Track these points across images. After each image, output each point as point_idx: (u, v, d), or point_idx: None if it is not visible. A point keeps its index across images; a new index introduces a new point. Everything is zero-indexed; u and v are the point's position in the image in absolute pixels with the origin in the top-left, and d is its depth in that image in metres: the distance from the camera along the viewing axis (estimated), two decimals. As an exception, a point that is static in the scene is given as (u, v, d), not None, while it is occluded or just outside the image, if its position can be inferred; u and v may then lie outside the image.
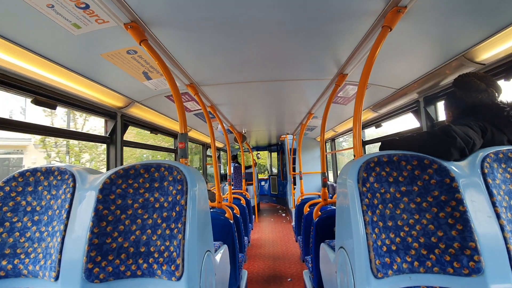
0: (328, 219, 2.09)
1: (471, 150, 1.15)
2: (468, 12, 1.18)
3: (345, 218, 1.17)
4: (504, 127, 1.22)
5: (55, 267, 1.08)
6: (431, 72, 1.81)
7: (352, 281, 1.05)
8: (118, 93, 2.07)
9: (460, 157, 1.14)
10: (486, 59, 1.49)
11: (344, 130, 4.36)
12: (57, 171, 1.23)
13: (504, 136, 1.22)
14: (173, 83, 1.40)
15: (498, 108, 1.24)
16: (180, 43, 1.47)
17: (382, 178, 1.12)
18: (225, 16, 1.23)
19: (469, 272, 0.97)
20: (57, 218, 1.17)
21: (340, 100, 2.76)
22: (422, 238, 1.06)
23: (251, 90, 2.51)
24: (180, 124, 1.40)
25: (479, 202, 1.04)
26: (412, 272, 1.03)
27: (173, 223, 1.14)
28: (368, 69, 1.28)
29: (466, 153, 1.13)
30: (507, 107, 1.23)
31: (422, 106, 2.20)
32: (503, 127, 1.22)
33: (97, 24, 1.20)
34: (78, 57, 1.49)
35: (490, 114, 1.25)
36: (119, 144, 2.34)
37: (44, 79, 1.54)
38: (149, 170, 1.22)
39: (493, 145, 1.18)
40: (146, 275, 1.11)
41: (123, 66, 1.65)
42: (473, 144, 1.14)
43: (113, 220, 1.16)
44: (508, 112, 1.21)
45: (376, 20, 1.27)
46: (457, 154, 1.12)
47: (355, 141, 1.31)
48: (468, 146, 1.13)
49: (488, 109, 1.26)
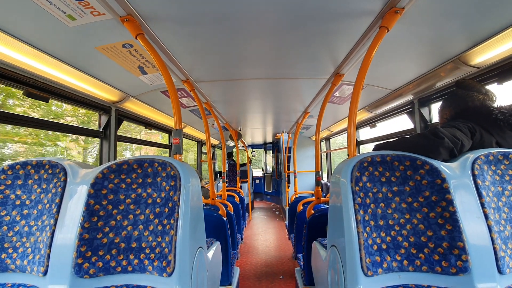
0: (321, 217, 2.11)
1: (460, 150, 1.19)
2: (463, 15, 1.19)
3: (337, 217, 1.18)
4: (492, 129, 1.27)
5: (43, 262, 1.07)
6: (426, 74, 1.83)
7: (342, 279, 1.06)
8: (113, 87, 2.05)
9: (449, 157, 1.18)
10: (480, 63, 1.51)
11: (339, 129, 4.39)
12: (48, 165, 1.22)
13: (492, 138, 1.26)
14: (169, 79, 1.39)
15: (488, 111, 1.29)
16: (177, 38, 1.46)
17: (375, 177, 1.13)
18: (223, 12, 1.23)
19: (456, 271, 1.00)
20: (47, 212, 1.15)
21: (336, 99, 2.78)
22: (412, 237, 1.08)
23: (248, 87, 2.51)
24: (175, 120, 1.40)
25: (468, 203, 1.06)
26: (401, 270, 1.05)
27: (165, 219, 1.14)
28: (364, 69, 1.28)
29: (455, 153, 1.18)
30: (495, 110, 1.27)
31: (417, 108, 2.22)
32: (492, 129, 1.27)
33: (92, 16, 1.19)
34: (72, 50, 1.47)
35: (481, 116, 1.30)
36: (112, 138, 2.31)
37: (37, 71, 1.52)
38: (142, 166, 1.21)
39: (482, 146, 1.23)
40: (137, 270, 1.11)
41: (119, 60, 1.63)
42: (462, 144, 1.18)
43: (104, 215, 1.15)
44: (496, 115, 1.26)
45: (374, 20, 1.28)
46: (446, 154, 1.17)
47: (349, 140, 1.32)
48: (456, 147, 1.17)
49: (479, 111, 1.32)
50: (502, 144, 1.26)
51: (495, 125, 1.27)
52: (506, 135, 1.27)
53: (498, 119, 1.26)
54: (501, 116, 1.25)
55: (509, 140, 1.26)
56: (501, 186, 1.13)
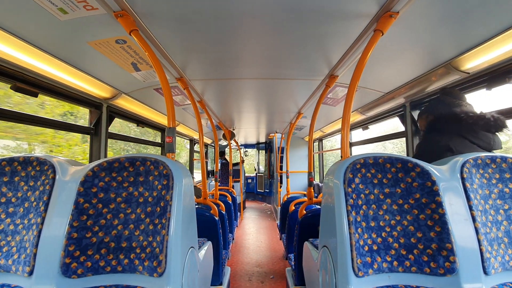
0: (313, 218, 2.12)
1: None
2: (455, 22, 1.22)
3: (329, 218, 1.18)
4: (468, 133, 1.43)
5: (29, 261, 1.04)
6: (418, 78, 1.86)
7: (333, 279, 1.07)
8: (104, 83, 2.01)
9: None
10: (470, 68, 1.54)
11: (332, 131, 4.42)
12: (36, 161, 1.18)
13: (467, 141, 1.43)
14: (163, 76, 1.37)
15: (458, 119, 1.46)
16: (171, 35, 1.44)
17: (367, 179, 1.15)
18: (219, 10, 1.22)
19: (444, 272, 1.02)
20: (34, 210, 1.12)
21: (329, 101, 2.79)
22: (402, 238, 1.09)
23: (242, 87, 2.50)
24: (168, 118, 1.38)
25: (457, 205, 1.09)
26: (391, 271, 1.07)
27: (157, 219, 1.12)
28: (358, 71, 1.29)
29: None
30: (464, 116, 1.44)
31: (408, 111, 2.25)
32: (467, 134, 1.43)
33: (85, 10, 1.16)
34: (63, 44, 1.43)
35: (455, 125, 1.46)
36: (103, 136, 2.27)
37: (26, 64, 1.47)
38: (134, 164, 1.19)
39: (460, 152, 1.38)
40: (126, 270, 1.09)
41: (111, 55, 1.60)
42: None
43: (94, 214, 1.12)
44: (466, 121, 1.43)
45: (369, 24, 1.29)
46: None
47: (343, 142, 1.33)
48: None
49: (452, 121, 1.49)
50: (479, 144, 1.40)
51: (470, 130, 1.42)
52: (479, 135, 1.41)
53: (468, 124, 1.41)
54: (471, 120, 1.41)
55: (484, 138, 1.41)
56: (488, 189, 1.16)
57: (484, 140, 1.40)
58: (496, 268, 1.05)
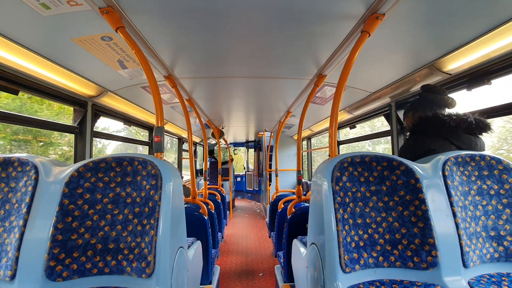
0: (302, 215, 2.15)
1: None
2: (439, 24, 1.26)
3: (317, 215, 1.21)
4: (450, 136, 1.43)
5: (11, 265, 1.00)
6: (403, 78, 1.91)
7: (322, 275, 1.09)
8: (89, 81, 1.95)
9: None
10: (452, 70, 1.60)
11: (321, 129, 4.48)
12: (17, 162, 1.14)
13: (452, 145, 1.43)
14: (151, 74, 1.35)
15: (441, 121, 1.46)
16: (159, 32, 1.42)
17: (355, 177, 1.17)
18: (208, 8, 1.21)
19: (426, 266, 1.06)
20: (15, 212, 1.08)
21: (318, 100, 2.83)
22: (388, 235, 1.13)
23: (231, 85, 2.49)
24: (156, 117, 1.36)
25: (439, 202, 1.14)
26: (377, 266, 1.10)
27: (145, 219, 1.11)
28: (346, 71, 1.32)
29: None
30: (447, 119, 1.44)
31: (394, 110, 2.31)
32: (449, 136, 1.43)
33: (69, 6, 1.12)
34: (46, 40, 1.39)
35: (438, 127, 1.48)
36: (88, 134, 2.21)
37: (5, 61, 1.41)
38: (121, 164, 1.17)
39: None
40: (114, 272, 1.07)
41: (97, 53, 1.56)
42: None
43: (79, 216, 1.10)
44: (448, 123, 1.43)
45: (356, 25, 1.31)
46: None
47: (331, 141, 1.35)
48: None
49: (434, 124, 1.50)
50: (461, 146, 1.41)
51: (452, 132, 1.43)
52: (462, 138, 1.42)
53: (451, 126, 1.41)
54: (453, 123, 1.41)
55: (466, 141, 1.42)
56: (468, 186, 1.22)
57: (466, 143, 1.41)
58: (474, 261, 1.11)
